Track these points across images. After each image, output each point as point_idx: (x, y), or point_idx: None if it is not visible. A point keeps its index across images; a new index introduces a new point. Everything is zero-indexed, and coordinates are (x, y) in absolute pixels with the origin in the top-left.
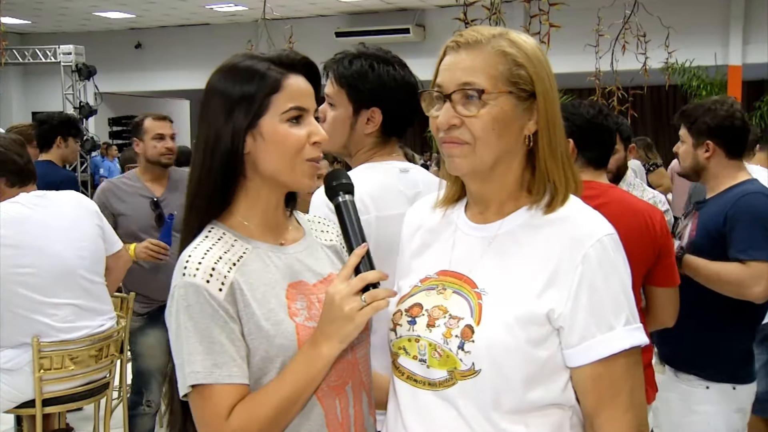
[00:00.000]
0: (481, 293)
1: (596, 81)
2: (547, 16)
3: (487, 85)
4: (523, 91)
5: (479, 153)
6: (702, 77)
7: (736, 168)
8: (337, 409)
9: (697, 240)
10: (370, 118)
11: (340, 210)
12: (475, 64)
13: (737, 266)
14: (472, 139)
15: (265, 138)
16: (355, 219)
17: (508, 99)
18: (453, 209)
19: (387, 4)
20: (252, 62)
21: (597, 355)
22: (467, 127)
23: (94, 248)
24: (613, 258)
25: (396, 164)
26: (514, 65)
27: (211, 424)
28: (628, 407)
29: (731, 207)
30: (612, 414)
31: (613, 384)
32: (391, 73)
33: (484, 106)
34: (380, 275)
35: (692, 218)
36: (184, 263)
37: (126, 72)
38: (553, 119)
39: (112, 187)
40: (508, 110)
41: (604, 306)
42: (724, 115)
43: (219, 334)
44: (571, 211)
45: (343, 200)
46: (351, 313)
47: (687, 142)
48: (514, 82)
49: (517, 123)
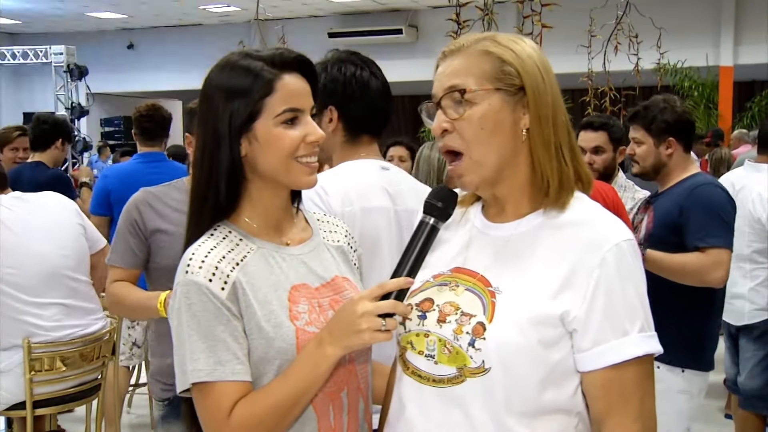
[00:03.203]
0: (494, 291)
1: (588, 81)
2: (540, 16)
3: (471, 85)
4: (512, 85)
5: (479, 158)
6: (693, 78)
7: (689, 161)
8: (331, 415)
9: (655, 231)
10: (330, 117)
11: (417, 228)
12: (460, 67)
13: (697, 255)
14: (465, 145)
15: (260, 141)
16: (421, 246)
17: (497, 95)
18: (471, 208)
19: (379, 5)
20: (246, 63)
21: (609, 360)
22: (458, 132)
23: (77, 247)
24: (631, 263)
25: (375, 162)
26: (499, 62)
27: (214, 420)
28: (637, 416)
29: (685, 199)
30: (620, 421)
31: (624, 391)
32: (350, 72)
33: (471, 106)
34: (407, 312)
35: (648, 212)
36: (188, 261)
37: (118, 72)
38: (546, 112)
39: (150, 198)
40: (496, 106)
41: (619, 311)
42: (681, 112)
43: (222, 332)
44: (590, 214)
45: (427, 222)
46: (365, 331)
47: (646, 142)
48: (500, 78)
49: (510, 118)
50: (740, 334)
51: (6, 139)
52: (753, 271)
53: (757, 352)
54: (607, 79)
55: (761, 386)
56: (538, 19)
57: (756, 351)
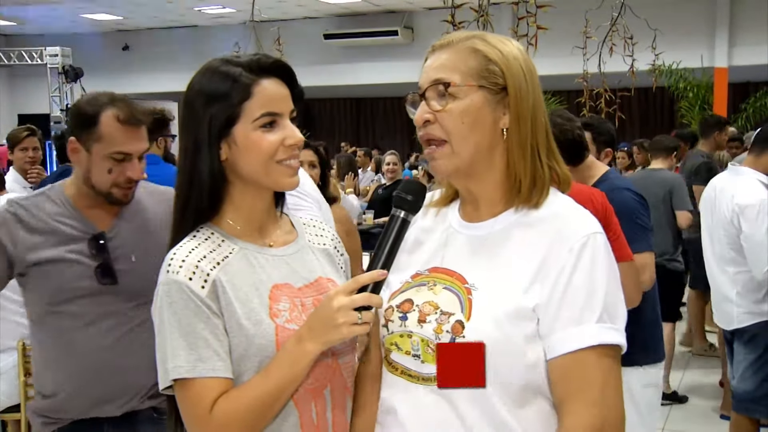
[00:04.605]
0: (471, 288)
1: (584, 83)
2: (535, 18)
3: (456, 80)
4: (495, 84)
5: (457, 149)
6: (689, 79)
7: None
8: (313, 412)
9: None
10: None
11: (389, 222)
12: (447, 61)
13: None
14: (445, 135)
15: (239, 145)
16: (393, 239)
17: (480, 93)
18: (447, 208)
19: (375, 7)
20: (225, 68)
21: (566, 348)
22: (439, 123)
23: None
24: (597, 256)
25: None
26: (485, 60)
27: (196, 416)
28: (594, 403)
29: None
30: (575, 408)
31: (582, 379)
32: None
33: (454, 100)
34: (380, 303)
35: None
36: (169, 261)
37: (113, 74)
38: (525, 113)
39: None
40: (478, 103)
41: (577, 300)
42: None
43: (203, 330)
44: (562, 208)
45: (398, 216)
46: (342, 325)
47: None
48: (484, 76)
49: (490, 116)
50: (734, 338)
51: (15, 139)
52: (736, 275)
53: (747, 356)
54: (602, 80)
55: (753, 389)
56: (534, 21)
57: (747, 354)
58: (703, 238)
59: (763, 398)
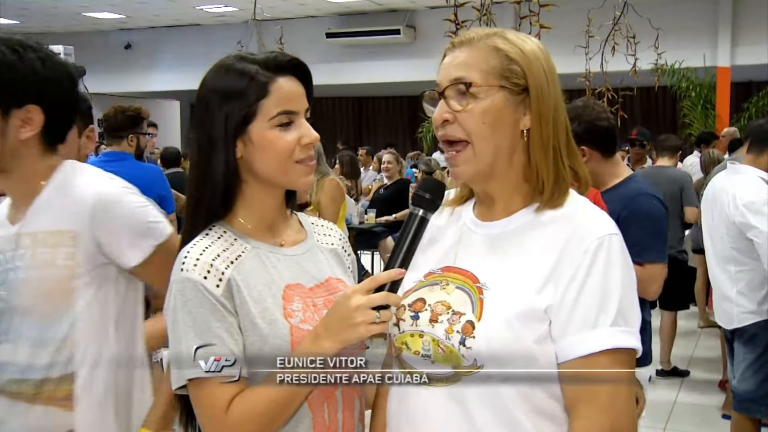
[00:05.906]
0: (482, 288)
1: (586, 82)
2: (537, 17)
3: (477, 79)
4: (516, 85)
5: (478, 150)
6: (691, 78)
7: (615, 166)
8: (325, 413)
9: None
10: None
11: (407, 220)
12: (468, 60)
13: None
14: (466, 135)
15: (255, 144)
16: (412, 237)
17: (501, 93)
18: (462, 207)
19: (377, 5)
20: (241, 66)
21: (578, 352)
22: (459, 123)
23: None
24: (612, 258)
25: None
26: (507, 60)
27: (212, 417)
28: (604, 409)
29: (623, 208)
30: (585, 413)
31: (594, 383)
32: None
33: (475, 99)
34: (399, 302)
35: None
36: (183, 259)
37: (116, 73)
38: (547, 114)
39: None
40: (499, 104)
41: (591, 303)
42: (591, 120)
43: (218, 328)
44: (578, 209)
45: (416, 214)
46: (360, 324)
47: None
48: (506, 76)
49: (511, 117)
50: (734, 337)
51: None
52: (737, 274)
53: (747, 355)
54: (604, 79)
55: (753, 389)
56: (536, 20)
57: (747, 354)
58: (704, 238)
59: (763, 398)
